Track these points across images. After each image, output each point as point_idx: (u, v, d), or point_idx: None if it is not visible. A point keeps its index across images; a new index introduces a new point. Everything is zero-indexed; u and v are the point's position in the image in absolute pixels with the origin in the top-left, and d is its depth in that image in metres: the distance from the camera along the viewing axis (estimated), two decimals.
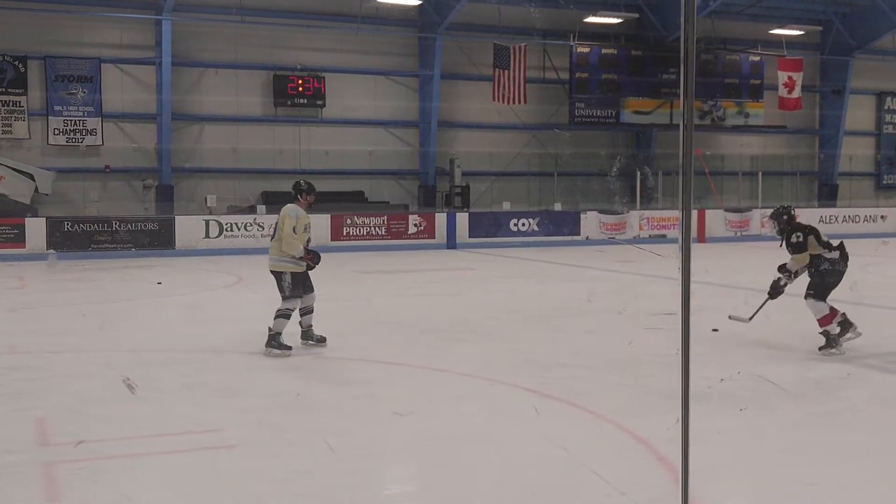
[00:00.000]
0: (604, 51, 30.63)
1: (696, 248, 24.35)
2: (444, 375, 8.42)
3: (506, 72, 28.63)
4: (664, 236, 28.03)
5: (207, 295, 15.56)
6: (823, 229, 10.20)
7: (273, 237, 9.73)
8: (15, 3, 24.46)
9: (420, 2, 27.52)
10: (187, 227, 23.46)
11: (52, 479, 5.42)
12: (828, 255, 9.39)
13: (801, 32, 33.60)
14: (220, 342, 10.20)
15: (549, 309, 13.04)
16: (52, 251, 21.06)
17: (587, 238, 27.36)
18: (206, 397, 7.51)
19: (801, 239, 9.45)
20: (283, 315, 9.50)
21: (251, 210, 25.31)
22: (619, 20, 30.91)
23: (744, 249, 25.59)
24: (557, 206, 29.31)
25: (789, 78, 32.67)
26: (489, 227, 26.69)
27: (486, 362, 8.91)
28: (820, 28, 33.86)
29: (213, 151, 27.05)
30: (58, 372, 8.64)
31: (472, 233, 26.28)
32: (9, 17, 24.61)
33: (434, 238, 25.81)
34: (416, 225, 25.80)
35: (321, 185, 27.65)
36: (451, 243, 25.82)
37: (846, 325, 9.29)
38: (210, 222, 23.74)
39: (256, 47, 27.39)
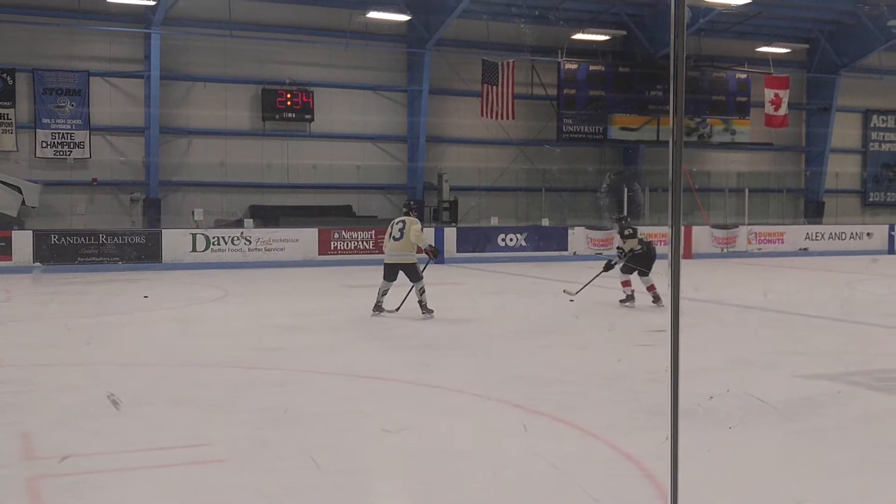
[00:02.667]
0: (591, 67, 30.77)
1: (683, 265, 24.38)
2: (432, 391, 8.40)
3: (494, 87, 28.73)
4: None
5: (195, 309, 15.51)
6: (810, 246, 10.94)
7: (400, 238, 13.58)
8: (3, 16, 24.43)
9: (409, 17, 27.60)
10: (174, 241, 23.39)
11: (38, 493, 5.38)
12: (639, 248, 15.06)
13: (788, 50, 33.84)
14: (208, 356, 10.16)
15: (538, 324, 13.05)
16: (38, 264, 20.98)
17: (575, 253, 27.41)
18: (195, 412, 7.47)
19: (633, 232, 15.23)
20: (424, 289, 13.54)
21: (238, 224, 25.27)
22: (607, 37, 31.08)
23: (731, 265, 25.69)
24: (545, 222, 29.36)
25: (776, 95, 32.89)
26: (477, 242, 26.70)
27: (474, 378, 8.90)
28: (807, 46, 34.11)
29: (201, 165, 27.02)
30: (44, 386, 8.59)
31: (460, 248, 26.29)
32: None
33: (422, 253, 25.72)
34: None
35: (309, 199, 28.08)
36: (439, 258, 25.77)
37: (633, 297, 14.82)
38: (197, 236, 23.68)
39: (245, 61, 27.42)
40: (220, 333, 12.10)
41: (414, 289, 13.62)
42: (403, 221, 13.72)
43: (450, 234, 26.40)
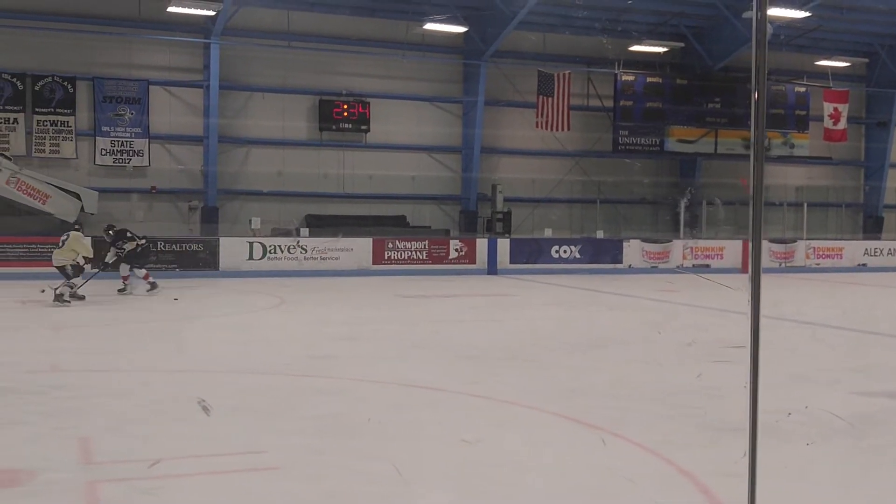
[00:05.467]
0: (648, 79, 30.57)
1: (739, 279, 24.09)
2: (484, 402, 8.36)
3: (549, 99, 28.64)
4: (708, 266, 27.78)
5: (251, 316, 15.63)
6: (869, 261, 10.58)
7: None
8: (64, 25, 24.90)
9: (465, 29, 27.65)
10: (232, 249, 23.64)
11: (96, 498, 5.43)
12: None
13: (848, 64, 33.33)
14: (263, 364, 10.22)
15: (591, 337, 12.93)
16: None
17: (630, 266, 27.19)
18: (250, 419, 7.49)
19: (132, 236, 18.62)
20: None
21: (294, 233, 25.47)
22: (665, 49, 30.85)
23: (788, 280, 25.30)
24: (600, 234, 29.16)
25: (835, 109, 32.38)
26: (530, 253, 26.61)
27: (527, 389, 8.84)
28: (866, 60, 33.57)
29: (259, 174, 27.30)
30: (100, 391, 8.69)
31: (514, 259, 26.22)
32: (58, 39, 25.04)
33: (475, 263, 25.78)
34: (457, 250, 25.79)
35: (364, 209, 28.23)
36: (492, 269, 25.77)
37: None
38: (254, 244, 23.91)
39: (303, 72, 27.66)
40: (276, 341, 12.18)
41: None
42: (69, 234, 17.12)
43: (503, 245, 26.35)
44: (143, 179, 26.27)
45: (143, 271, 18.91)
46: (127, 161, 25.91)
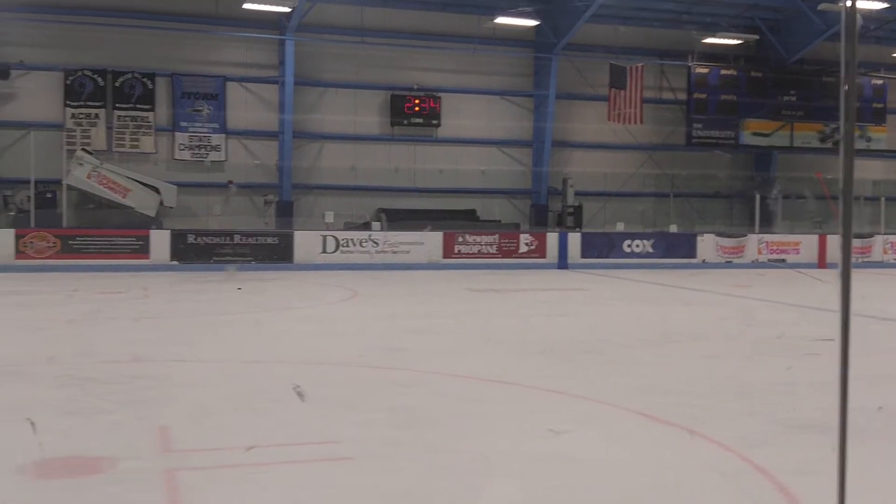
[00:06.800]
0: (723, 72, 30.17)
1: (818, 273, 23.67)
2: (558, 397, 8.35)
3: (622, 92, 28.42)
4: (783, 261, 27.31)
5: (325, 309, 15.82)
6: None
7: None
8: (144, 22, 25.43)
9: (537, 22, 27.55)
10: (306, 242, 23.96)
11: (175, 486, 5.56)
12: None
13: None
14: (337, 355, 10.34)
15: (664, 332, 12.82)
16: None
17: (703, 261, 26.86)
18: (324, 410, 7.59)
19: None
20: None
21: (366, 226, 25.68)
22: (739, 41, 30.40)
23: (865, 276, 24.73)
24: (673, 228, 28.86)
25: None
26: (602, 247, 26.44)
27: (599, 385, 8.80)
28: None
29: (332, 169, 27.57)
30: (180, 381, 8.88)
31: (585, 253, 26.08)
32: (138, 36, 25.61)
33: (545, 257, 25.71)
34: (527, 244, 25.75)
35: (434, 203, 28.25)
36: (563, 263, 25.67)
37: None
38: (327, 237, 24.18)
39: (375, 68, 27.85)
40: (349, 333, 12.30)
41: None
42: None
43: (574, 239, 26.24)
44: (220, 174, 26.72)
45: None
46: (205, 156, 26.38)
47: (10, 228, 22.69)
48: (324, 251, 24.00)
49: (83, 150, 24.74)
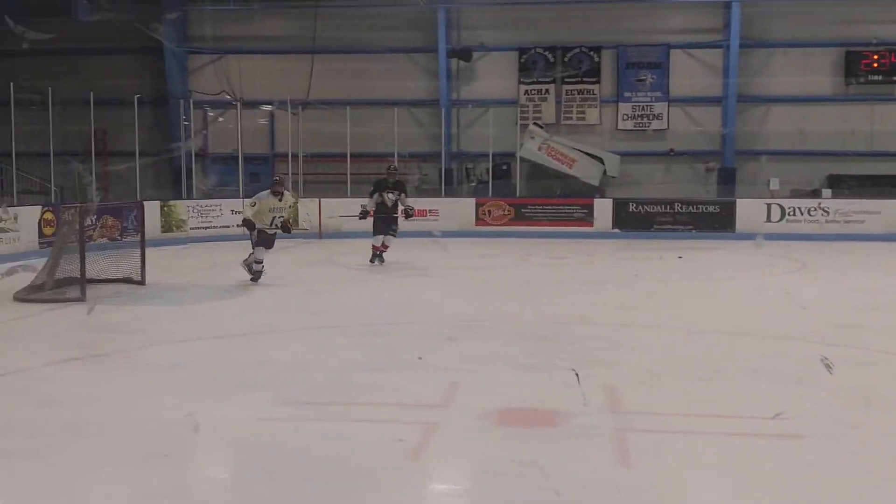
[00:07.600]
0: None
1: None
2: None
3: None
4: None
5: (768, 280, 15.33)
6: None
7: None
8: None
9: None
10: (748, 211, 23.30)
11: (625, 446, 5.75)
12: None
13: None
14: (784, 328, 10.00)
15: None
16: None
17: None
18: (774, 384, 7.38)
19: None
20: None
21: (815, 194, 24.40)
22: None
23: None
24: None
25: None
26: None
27: None
28: None
29: (778, 133, 26.45)
30: (626, 344, 9.11)
31: None
32: (585, 11, 26.32)
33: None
34: None
35: (883, 168, 25.88)
36: None
37: None
38: (772, 206, 23.34)
39: (828, 24, 26.16)
40: (794, 307, 11.81)
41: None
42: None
43: None
44: (662, 142, 26.74)
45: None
46: (647, 125, 26.58)
47: (472, 198, 24.78)
48: (768, 220, 23.16)
49: (535, 124, 26.07)
